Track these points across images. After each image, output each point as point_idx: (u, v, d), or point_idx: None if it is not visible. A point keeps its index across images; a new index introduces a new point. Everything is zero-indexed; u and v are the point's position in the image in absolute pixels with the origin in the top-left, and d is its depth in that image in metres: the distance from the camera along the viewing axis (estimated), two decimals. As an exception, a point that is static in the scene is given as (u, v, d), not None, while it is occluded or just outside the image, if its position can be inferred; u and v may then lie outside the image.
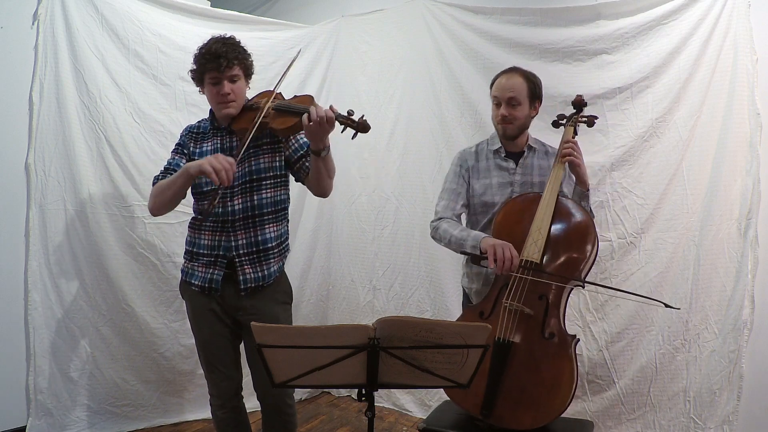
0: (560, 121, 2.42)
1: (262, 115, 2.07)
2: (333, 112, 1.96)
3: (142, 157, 3.02)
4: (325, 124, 1.94)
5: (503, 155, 2.38)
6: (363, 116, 2.00)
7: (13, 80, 2.73)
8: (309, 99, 2.13)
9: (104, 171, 2.95)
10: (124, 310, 3.00)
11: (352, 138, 2.05)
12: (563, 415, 2.07)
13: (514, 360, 2.04)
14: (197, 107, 3.07)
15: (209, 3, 3.51)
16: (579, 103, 2.40)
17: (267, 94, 2.23)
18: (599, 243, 2.23)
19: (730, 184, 2.63)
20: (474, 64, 3.18)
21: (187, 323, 2.34)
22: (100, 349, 2.96)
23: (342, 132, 2.01)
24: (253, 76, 2.25)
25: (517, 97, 2.26)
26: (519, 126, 2.31)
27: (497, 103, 2.31)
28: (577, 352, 2.08)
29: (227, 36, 2.17)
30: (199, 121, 2.30)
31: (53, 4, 2.77)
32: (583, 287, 2.16)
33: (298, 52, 2.51)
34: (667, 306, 2.04)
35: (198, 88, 2.23)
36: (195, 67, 2.16)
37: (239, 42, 2.19)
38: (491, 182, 2.36)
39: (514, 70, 2.33)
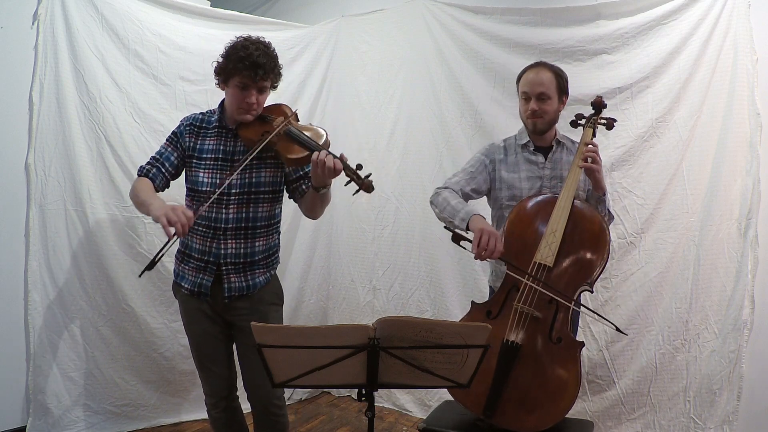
0: (579, 121, 2.35)
1: (271, 136, 2.04)
2: (342, 162, 1.94)
3: (142, 157, 3.00)
4: (331, 171, 1.93)
5: (532, 149, 2.34)
6: (370, 175, 1.96)
7: (13, 80, 2.73)
8: (322, 135, 2.10)
9: (104, 171, 2.95)
10: (124, 310, 3.00)
11: (353, 194, 2.01)
12: (562, 415, 2.07)
13: (520, 362, 2.03)
14: (197, 107, 3.06)
15: (209, 3, 3.51)
16: (598, 104, 2.34)
17: (283, 110, 2.18)
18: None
19: (730, 184, 2.63)
20: (474, 64, 3.18)
21: (187, 323, 2.34)
22: (100, 349, 2.96)
23: (345, 185, 1.98)
24: None
25: (547, 92, 2.24)
26: (549, 120, 2.28)
27: (526, 98, 2.28)
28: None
29: (267, 42, 2.11)
30: (203, 113, 2.24)
31: (53, 4, 2.77)
32: (574, 306, 2.10)
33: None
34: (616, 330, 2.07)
35: (215, 81, 2.14)
36: (225, 64, 2.07)
37: (276, 53, 2.13)
38: (520, 176, 2.33)
39: (541, 64, 2.30)
